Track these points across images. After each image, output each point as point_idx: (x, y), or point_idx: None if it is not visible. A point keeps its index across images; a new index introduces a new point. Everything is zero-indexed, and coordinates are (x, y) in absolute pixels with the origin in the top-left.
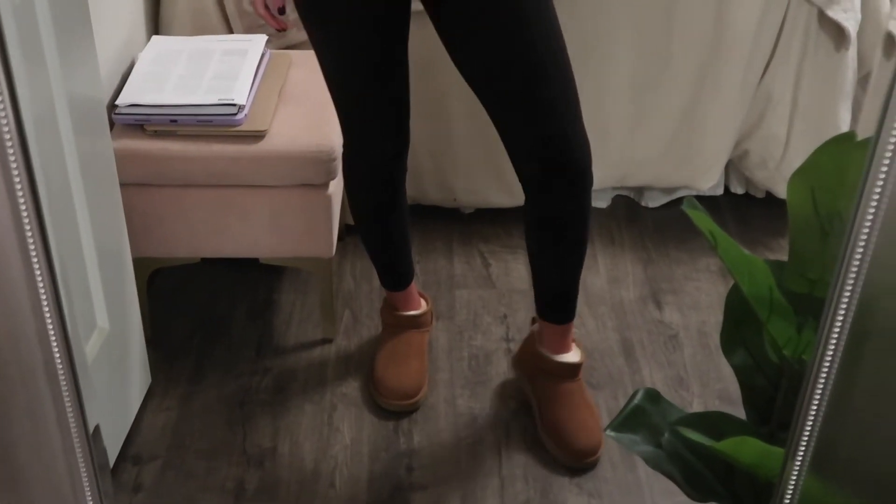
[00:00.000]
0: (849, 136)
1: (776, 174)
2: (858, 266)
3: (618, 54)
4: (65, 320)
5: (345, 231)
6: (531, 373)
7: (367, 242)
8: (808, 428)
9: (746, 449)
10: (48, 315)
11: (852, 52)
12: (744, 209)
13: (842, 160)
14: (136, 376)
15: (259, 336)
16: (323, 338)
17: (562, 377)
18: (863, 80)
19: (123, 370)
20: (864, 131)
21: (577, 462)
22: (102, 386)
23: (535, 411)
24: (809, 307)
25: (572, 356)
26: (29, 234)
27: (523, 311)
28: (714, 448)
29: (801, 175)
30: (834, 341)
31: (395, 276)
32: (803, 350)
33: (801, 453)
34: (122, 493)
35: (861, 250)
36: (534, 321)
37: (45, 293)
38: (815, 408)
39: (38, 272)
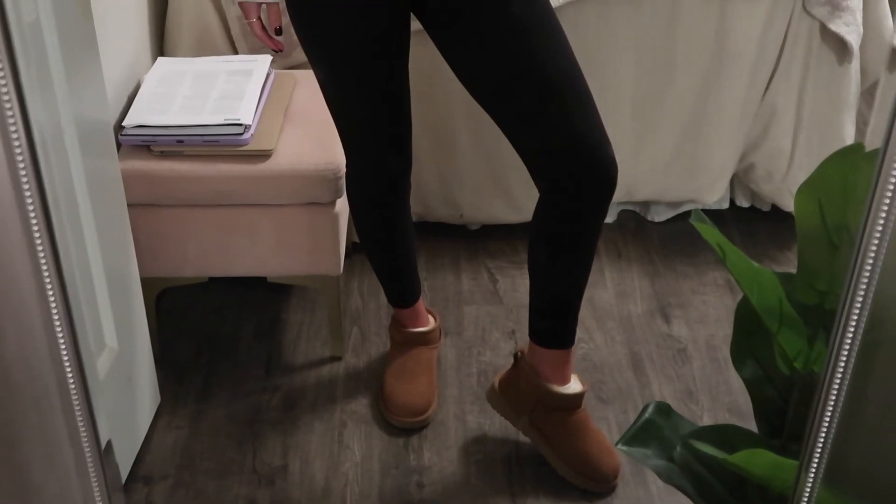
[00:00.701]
0: (855, 148)
1: (782, 187)
2: (868, 277)
3: (621, 69)
4: (77, 338)
5: (352, 249)
6: (530, 408)
7: (373, 261)
8: (822, 440)
9: (758, 461)
10: (60, 333)
11: (855, 65)
12: (750, 222)
13: (848, 172)
14: (146, 395)
15: (267, 354)
16: (331, 355)
17: (572, 409)
18: (866, 93)
19: (133, 389)
20: (870, 143)
21: (605, 486)
22: (112, 405)
23: (543, 448)
24: (819, 318)
25: (575, 385)
26: (41, 253)
27: None
28: (726, 461)
29: (809, 187)
30: (846, 353)
31: (403, 293)
32: (814, 361)
33: (815, 465)
34: None
35: (871, 262)
36: (516, 356)
37: (56, 311)
38: (827, 419)
39: (49, 291)
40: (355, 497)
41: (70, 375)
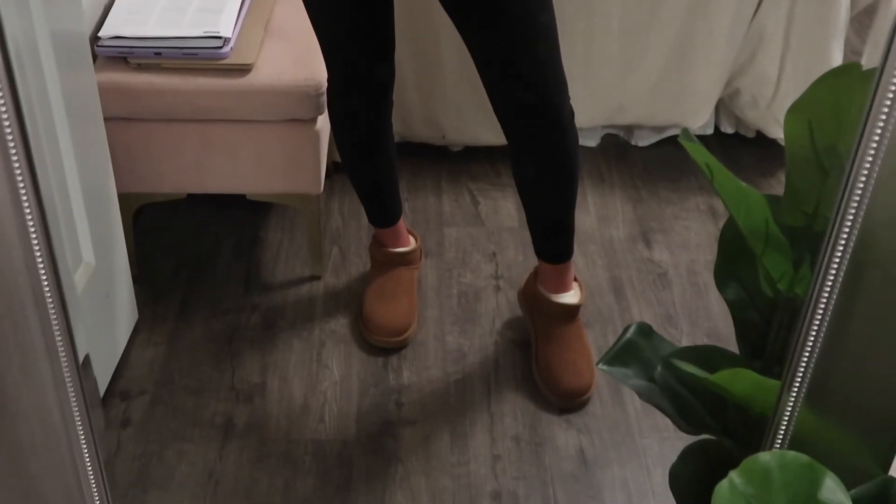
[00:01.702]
0: (849, 69)
1: (767, 114)
2: (859, 200)
3: None
4: (53, 251)
5: (332, 168)
6: (532, 310)
7: (354, 179)
8: (804, 361)
9: (740, 381)
10: (37, 246)
11: None
12: (734, 149)
13: (841, 93)
14: (123, 312)
15: (246, 273)
16: (311, 275)
17: (558, 317)
18: (854, 20)
19: (110, 305)
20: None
21: (565, 402)
22: (89, 321)
23: (532, 349)
24: (805, 241)
25: (570, 297)
26: (16, 164)
27: (512, 248)
28: (708, 380)
29: (799, 108)
30: (832, 275)
31: (383, 213)
32: (798, 284)
33: (797, 386)
34: (111, 428)
35: (862, 184)
36: None
37: (33, 223)
38: (811, 341)
39: (25, 203)
40: (333, 415)
41: (47, 288)
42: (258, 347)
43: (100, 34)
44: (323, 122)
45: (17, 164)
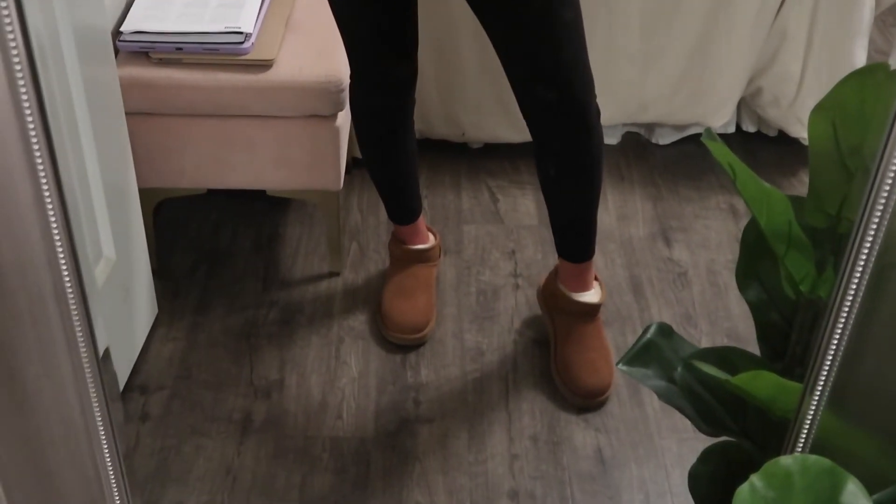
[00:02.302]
0: (875, 68)
1: (789, 113)
2: (885, 202)
3: None
4: (74, 243)
5: (352, 164)
6: (551, 308)
7: (374, 175)
8: (828, 364)
9: (761, 383)
10: (58, 238)
11: None
12: (755, 148)
13: (866, 94)
14: (143, 306)
15: (265, 268)
16: (330, 271)
17: (578, 316)
18: (878, 19)
19: (130, 300)
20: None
21: (582, 402)
22: (109, 316)
23: (550, 348)
24: (828, 243)
25: (591, 296)
26: (39, 158)
27: (531, 246)
28: (728, 382)
29: (823, 108)
30: (857, 278)
31: (403, 209)
32: (821, 286)
33: (819, 389)
34: (130, 422)
35: (888, 186)
36: None
37: (54, 218)
38: (835, 344)
39: (47, 195)
40: (351, 412)
41: (68, 281)
42: (276, 343)
43: (121, 29)
44: (343, 118)
45: (39, 161)
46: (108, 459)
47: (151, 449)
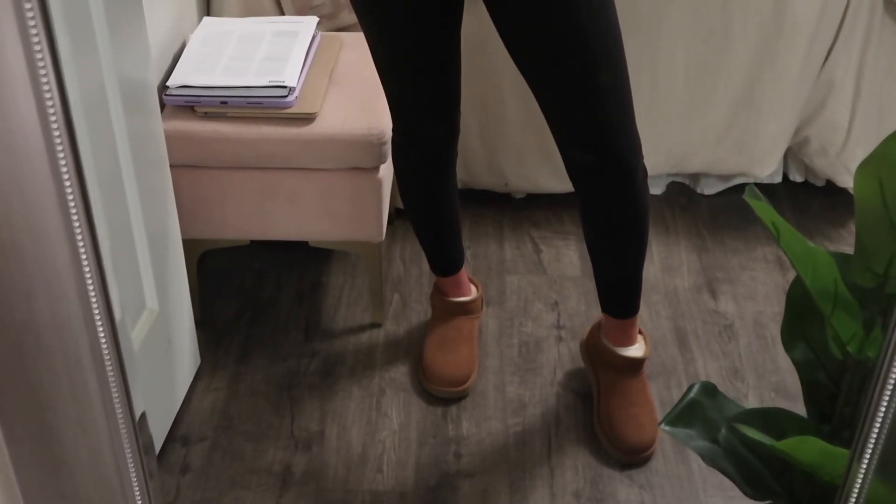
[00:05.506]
0: None
1: (837, 162)
2: None
3: (674, 36)
4: (111, 305)
5: (395, 214)
6: (595, 362)
7: (416, 227)
8: (876, 429)
9: (807, 449)
10: (94, 300)
11: None
12: (803, 198)
13: None
14: (186, 357)
15: (307, 319)
16: (371, 322)
17: (622, 371)
18: None
19: (172, 351)
20: None
21: (627, 458)
22: (151, 367)
23: (594, 402)
24: (876, 302)
25: (635, 350)
26: (75, 217)
27: (574, 298)
28: (773, 447)
29: (869, 165)
30: None
31: (445, 261)
32: (869, 346)
33: (868, 455)
34: (170, 474)
35: None
36: None
37: (90, 278)
38: (883, 408)
39: (83, 257)
40: (392, 465)
41: (105, 346)
42: (317, 394)
43: (168, 83)
44: (385, 170)
45: (77, 223)
46: None
47: (192, 501)
